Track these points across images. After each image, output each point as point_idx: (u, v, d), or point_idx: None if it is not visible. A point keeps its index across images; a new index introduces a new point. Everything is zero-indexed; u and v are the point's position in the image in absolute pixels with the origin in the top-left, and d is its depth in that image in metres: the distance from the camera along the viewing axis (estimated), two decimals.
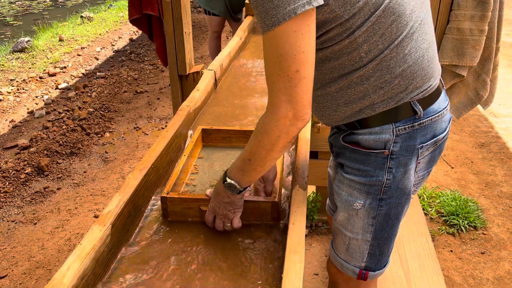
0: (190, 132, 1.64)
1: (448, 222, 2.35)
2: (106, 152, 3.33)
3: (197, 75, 2.09)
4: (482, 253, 2.14)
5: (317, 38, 0.95)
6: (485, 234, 2.26)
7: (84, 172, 3.08)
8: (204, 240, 1.14)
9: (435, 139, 1.05)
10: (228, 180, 1.06)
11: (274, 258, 1.08)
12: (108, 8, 7.91)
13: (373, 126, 1.02)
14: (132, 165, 3.15)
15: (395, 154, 1.02)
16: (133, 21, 1.98)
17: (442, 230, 2.30)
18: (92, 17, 7.01)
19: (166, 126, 3.71)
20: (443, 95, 1.07)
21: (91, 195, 2.83)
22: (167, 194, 1.19)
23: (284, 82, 0.87)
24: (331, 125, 1.13)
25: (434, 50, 1.04)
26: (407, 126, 1.00)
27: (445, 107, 1.06)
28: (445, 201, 2.46)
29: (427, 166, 1.11)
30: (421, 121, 1.01)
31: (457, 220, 2.31)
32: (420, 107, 1.00)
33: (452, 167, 2.91)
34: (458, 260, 2.09)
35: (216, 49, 3.91)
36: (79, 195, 2.83)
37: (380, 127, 1.01)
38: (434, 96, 1.03)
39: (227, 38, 5.48)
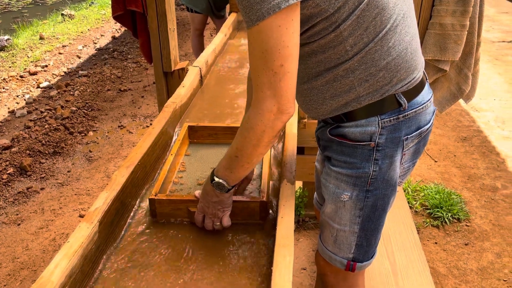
0: (176, 129, 1.64)
1: (432, 215, 2.38)
2: (90, 151, 3.29)
3: (182, 72, 2.08)
4: (465, 245, 2.18)
5: (303, 33, 0.95)
6: (468, 226, 2.31)
7: (68, 171, 3.04)
8: (193, 239, 1.13)
9: (419, 130, 1.07)
10: (216, 179, 1.06)
11: (265, 254, 1.09)
12: (89, 5, 7.80)
13: (359, 119, 1.03)
14: (117, 163, 3.12)
15: (381, 146, 1.04)
16: (116, 18, 1.96)
17: (427, 223, 2.34)
18: (73, 15, 6.91)
19: (151, 124, 3.67)
20: (426, 87, 1.09)
21: (75, 194, 2.79)
22: (155, 195, 1.18)
23: (268, 76, 0.88)
24: (318, 119, 1.14)
25: (417, 43, 1.06)
26: (392, 118, 1.02)
27: (429, 99, 1.08)
28: (429, 194, 2.50)
29: (412, 158, 1.13)
30: (406, 113, 1.03)
31: (441, 213, 2.35)
32: (404, 99, 1.01)
33: (436, 161, 2.96)
34: (443, 251, 2.13)
35: (199, 47, 3.90)
36: (63, 194, 2.79)
37: (366, 120, 1.02)
38: (418, 88, 1.05)
39: (211, 36, 5.46)
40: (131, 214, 1.23)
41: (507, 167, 2.85)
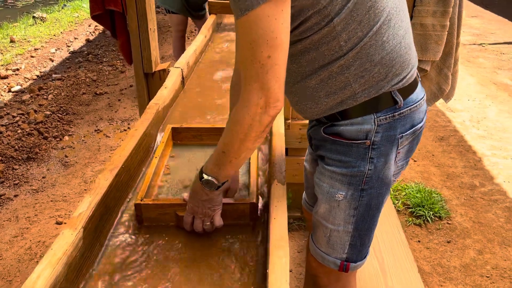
0: (159, 131, 1.60)
1: (414, 214, 2.41)
2: (66, 156, 3.19)
3: (164, 73, 2.04)
4: (448, 242, 2.21)
5: (295, 28, 0.94)
6: (449, 223, 2.34)
7: (43, 177, 2.94)
8: (181, 242, 1.10)
9: (413, 129, 1.06)
10: (205, 177, 1.03)
11: (258, 256, 1.06)
12: (62, 8, 7.62)
13: (354, 117, 1.02)
14: (94, 168, 3.04)
15: (376, 144, 1.03)
16: (95, 18, 1.90)
17: (409, 222, 2.36)
18: (45, 18, 6.73)
19: (129, 128, 3.61)
20: (419, 86, 1.09)
21: (51, 201, 2.70)
22: (141, 200, 1.14)
23: (256, 68, 0.86)
24: (311, 119, 1.13)
25: (410, 38, 1.05)
26: (388, 116, 1.01)
27: (422, 98, 1.08)
28: (410, 193, 2.53)
29: (406, 156, 1.12)
30: (401, 111, 1.02)
31: (423, 211, 2.38)
32: (400, 96, 1.01)
33: (415, 160, 3.00)
34: (426, 249, 2.15)
35: (181, 49, 3.82)
36: (39, 201, 2.69)
37: (361, 118, 1.01)
38: (412, 86, 1.04)
39: (188, 39, 5.40)
40: (116, 219, 1.19)
41: (483, 166, 2.91)
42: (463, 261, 2.08)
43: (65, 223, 2.50)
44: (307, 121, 2.19)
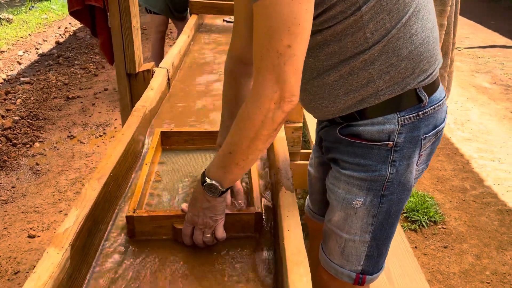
0: (147, 135, 1.48)
1: (409, 219, 2.35)
2: (37, 164, 2.99)
3: (148, 74, 1.90)
4: (445, 248, 2.15)
5: (316, 17, 0.83)
6: (444, 228, 2.29)
7: (13, 187, 2.73)
8: (179, 258, 0.98)
9: (436, 129, 0.98)
10: (208, 181, 0.91)
11: (270, 275, 0.95)
12: (29, 9, 7.30)
13: (375, 116, 0.92)
14: (68, 177, 2.85)
15: (399, 146, 0.93)
16: (73, 14, 1.75)
17: (405, 227, 2.30)
18: (11, 19, 6.42)
19: (104, 133, 3.43)
20: (440, 83, 1.01)
21: (22, 212, 2.50)
22: (134, 212, 1.02)
23: (272, 58, 0.75)
24: (326, 119, 1.02)
25: (437, 32, 0.97)
26: (412, 115, 0.92)
27: (445, 96, 1.00)
28: None
29: (427, 159, 1.03)
30: (426, 110, 0.93)
31: (418, 216, 2.32)
32: (425, 94, 0.92)
33: None
34: (424, 256, 2.08)
35: (160, 51, 3.68)
36: (8, 213, 2.49)
37: (384, 117, 0.92)
38: (436, 83, 0.96)
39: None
40: (105, 234, 1.05)
41: (472, 168, 2.89)
42: (462, 267, 2.02)
43: (38, 236, 2.31)
44: (300, 124, 2.11)
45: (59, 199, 2.62)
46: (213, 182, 0.91)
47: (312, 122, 2.47)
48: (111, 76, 4.50)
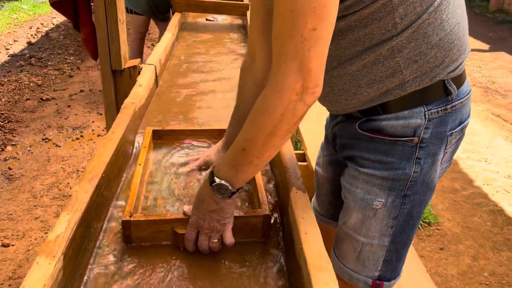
0: (138, 134, 1.38)
1: None
2: (10, 169, 2.82)
3: (134, 70, 1.79)
4: (441, 249, 2.11)
5: (342, 0, 0.76)
6: (439, 229, 2.25)
7: None
8: (181, 267, 0.89)
9: (462, 125, 0.92)
10: (217, 180, 0.83)
11: (288, 283, 0.86)
12: None
13: (400, 110, 0.85)
14: (44, 182, 2.69)
15: (424, 142, 0.86)
16: (54, 5, 1.62)
17: None
18: None
19: (81, 136, 3.27)
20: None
21: None
22: (130, 216, 0.92)
23: (296, 44, 0.67)
24: (344, 112, 0.94)
25: (466, 19, 0.91)
26: (440, 109, 0.85)
27: (470, 89, 0.94)
28: None
29: (450, 157, 0.97)
30: (454, 104, 0.87)
31: None
32: (454, 86, 0.85)
33: None
34: (421, 258, 2.03)
35: (139, 52, 3.57)
36: None
37: (409, 111, 0.85)
38: (464, 75, 0.90)
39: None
40: (98, 241, 0.95)
41: (460, 168, 2.88)
42: (459, 269, 1.99)
43: (13, 245, 2.15)
44: None
45: (34, 205, 2.46)
46: (223, 182, 0.82)
47: (304, 121, 2.40)
48: (87, 78, 4.34)
